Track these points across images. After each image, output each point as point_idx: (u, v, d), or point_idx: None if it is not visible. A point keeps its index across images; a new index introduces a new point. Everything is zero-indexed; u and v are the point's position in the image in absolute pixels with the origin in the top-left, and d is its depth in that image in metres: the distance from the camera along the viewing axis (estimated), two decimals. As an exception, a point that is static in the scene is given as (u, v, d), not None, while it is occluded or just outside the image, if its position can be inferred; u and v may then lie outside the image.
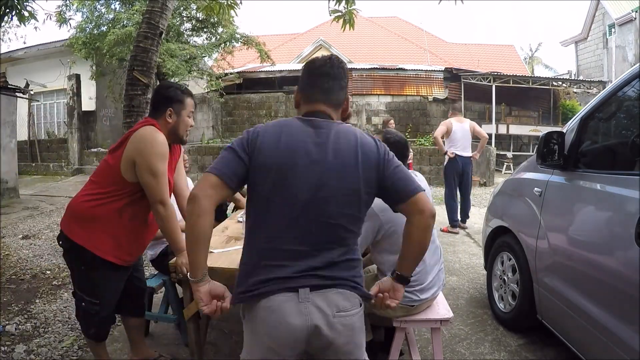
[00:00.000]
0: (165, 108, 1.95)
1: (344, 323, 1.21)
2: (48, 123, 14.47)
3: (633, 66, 2.06)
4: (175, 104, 1.96)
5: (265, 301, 1.19)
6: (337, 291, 1.21)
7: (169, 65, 9.28)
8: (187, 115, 1.99)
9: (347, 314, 1.22)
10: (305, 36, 19.63)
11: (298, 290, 1.18)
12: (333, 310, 1.19)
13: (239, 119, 14.62)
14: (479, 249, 4.61)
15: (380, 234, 1.93)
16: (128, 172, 1.86)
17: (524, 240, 2.61)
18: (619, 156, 2.21)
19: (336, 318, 1.20)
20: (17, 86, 8.74)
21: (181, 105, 1.97)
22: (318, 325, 1.17)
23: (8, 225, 5.97)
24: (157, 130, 1.88)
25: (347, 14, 4.32)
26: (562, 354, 2.44)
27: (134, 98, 4.28)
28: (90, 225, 1.88)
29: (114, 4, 10.22)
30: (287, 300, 1.18)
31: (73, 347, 2.57)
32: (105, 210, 1.88)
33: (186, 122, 1.99)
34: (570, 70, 18.84)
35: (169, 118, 1.95)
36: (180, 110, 1.97)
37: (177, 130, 1.99)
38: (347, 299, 1.23)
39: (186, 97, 1.99)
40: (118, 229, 1.90)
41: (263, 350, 1.21)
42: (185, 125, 2.00)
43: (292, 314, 1.17)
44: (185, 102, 1.98)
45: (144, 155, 1.82)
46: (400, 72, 13.97)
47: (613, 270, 1.80)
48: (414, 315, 2.02)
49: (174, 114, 1.96)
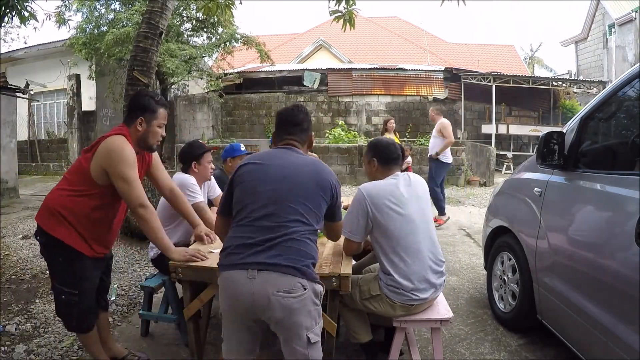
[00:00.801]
0: (137, 116, 2.01)
1: (282, 303, 1.46)
2: (48, 123, 14.47)
3: (633, 66, 2.06)
4: (147, 114, 2.01)
5: (225, 274, 1.54)
6: (280, 274, 1.46)
7: (169, 65, 9.27)
8: (157, 126, 2.04)
9: (285, 295, 1.46)
10: (305, 36, 19.64)
11: (247, 269, 1.48)
12: (273, 290, 1.45)
13: (239, 119, 14.62)
14: (479, 249, 4.61)
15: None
16: (98, 175, 1.94)
17: (524, 240, 2.61)
18: (619, 156, 2.21)
19: (274, 296, 1.45)
20: (17, 86, 8.73)
21: (153, 115, 2.02)
22: (259, 299, 1.46)
23: (8, 225, 5.97)
24: (125, 141, 1.95)
25: (347, 14, 4.31)
26: (562, 354, 2.44)
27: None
28: (65, 218, 1.95)
29: (114, 4, 10.21)
30: (238, 275, 1.49)
31: (73, 347, 2.57)
32: (77, 205, 1.96)
33: (155, 132, 2.05)
34: (570, 70, 18.85)
35: (139, 126, 2.01)
36: (151, 120, 2.02)
37: (146, 139, 2.05)
38: (289, 283, 1.47)
39: (159, 108, 2.04)
40: (90, 223, 1.99)
41: (226, 308, 1.57)
42: (154, 135, 2.05)
43: (240, 285, 1.48)
44: (158, 113, 2.03)
45: (113, 165, 1.90)
46: (400, 72, 13.97)
47: (613, 270, 1.80)
48: (414, 315, 2.02)
49: (144, 123, 2.01)
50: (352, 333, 2.19)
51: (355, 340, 2.18)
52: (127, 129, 2.01)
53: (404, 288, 1.94)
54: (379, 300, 2.01)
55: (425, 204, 2.11)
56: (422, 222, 2.01)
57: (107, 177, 1.93)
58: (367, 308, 2.06)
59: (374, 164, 2.13)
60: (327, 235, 1.97)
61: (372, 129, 13.24)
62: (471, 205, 7.37)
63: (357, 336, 2.16)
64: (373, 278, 2.08)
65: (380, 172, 2.12)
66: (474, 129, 13.75)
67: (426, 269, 1.98)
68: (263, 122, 14.18)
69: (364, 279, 2.13)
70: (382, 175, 2.11)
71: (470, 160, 10.76)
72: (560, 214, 2.31)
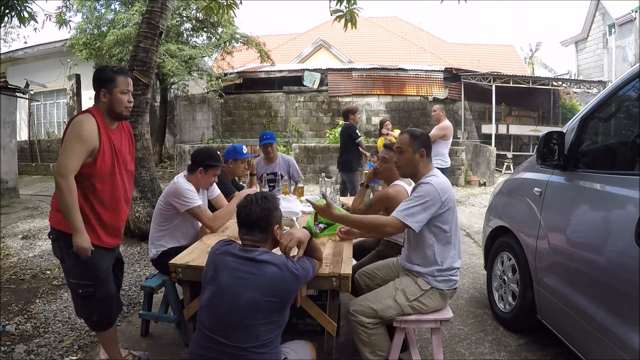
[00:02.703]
0: (99, 90, 2.07)
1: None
2: (48, 123, 14.48)
3: (633, 66, 2.06)
4: (107, 84, 2.05)
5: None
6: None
7: (169, 65, 9.28)
8: (119, 92, 2.07)
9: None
10: (305, 36, 19.62)
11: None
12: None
13: (239, 119, 14.62)
14: (479, 249, 4.61)
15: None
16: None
17: (524, 240, 2.61)
18: (619, 156, 2.21)
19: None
20: (17, 86, 8.73)
21: (112, 84, 2.06)
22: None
23: (8, 225, 5.97)
24: (86, 117, 2.01)
25: (348, 13, 4.32)
26: (562, 354, 2.44)
27: (134, 98, 4.27)
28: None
29: (114, 4, 10.21)
30: None
31: (73, 347, 2.57)
32: (74, 192, 1.98)
33: (119, 99, 2.07)
34: (570, 70, 18.83)
35: (103, 98, 2.07)
36: (112, 88, 2.06)
37: (113, 107, 2.08)
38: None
39: (117, 76, 2.07)
40: (92, 209, 2.05)
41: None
42: (119, 102, 2.08)
43: None
44: (117, 81, 2.06)
45: (65, 136, 1.98)
46: (400, 72, 13.96)
47: (613, 270, 1.80)
48: (414, 315, 2.02)
49: (107, 94, 2.06)
50: (377, 352, 1.99)
51: (378, 358, 2.00)
52: (95, 107, 2.08)
53: (453, 273, 2.05)
54: (431, 294, 2.03)
55: None
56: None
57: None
58: (413, 309, 2.02)
59: (423, 154, 2.10)
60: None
61: (372, 129, 13.22)
62: (471, 205, 7.37)
63: (383, 354, 2.00)
64: (410, 279, 2.07)
65: (424, 164, 2.11)
66: (474, 129, 13.75)
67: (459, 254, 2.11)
68: (263, 122, 14.19)
69: (398, 284, 2.06)
70: (424, 168, 2.11)
71: (470, 160, 10.76)
72: (560, 214, 2.31)
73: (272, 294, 1.50)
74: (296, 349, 1.71)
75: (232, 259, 1.56)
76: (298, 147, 10.30)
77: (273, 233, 1.63)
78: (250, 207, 1.61)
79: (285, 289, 1.55)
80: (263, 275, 1.51)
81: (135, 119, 4.29)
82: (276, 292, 1.51)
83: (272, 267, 1.52)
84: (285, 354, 1.62)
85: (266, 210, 1.61)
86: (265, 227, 1.61)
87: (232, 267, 1.53)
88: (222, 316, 1.49)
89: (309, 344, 1.79)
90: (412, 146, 2.10)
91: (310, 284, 1.85)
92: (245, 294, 1.48)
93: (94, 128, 1.99)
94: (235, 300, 1.48)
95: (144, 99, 4.35)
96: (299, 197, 3.60)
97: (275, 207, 1.66)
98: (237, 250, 1.58)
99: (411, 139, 2.12)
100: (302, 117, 14.15)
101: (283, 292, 1.54)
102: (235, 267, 1.53)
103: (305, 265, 1.65)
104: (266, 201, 1.63)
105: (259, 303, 1.48)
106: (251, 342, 1.47)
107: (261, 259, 1.53)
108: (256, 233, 1.61)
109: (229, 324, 1.48)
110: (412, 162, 2.11)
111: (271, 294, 1.50)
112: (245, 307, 1.47)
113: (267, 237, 1.62)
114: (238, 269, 1.53)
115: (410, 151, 2.11)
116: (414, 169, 2.12)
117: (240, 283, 1.50)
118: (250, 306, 1.48)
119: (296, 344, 1.75)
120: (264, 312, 1.49)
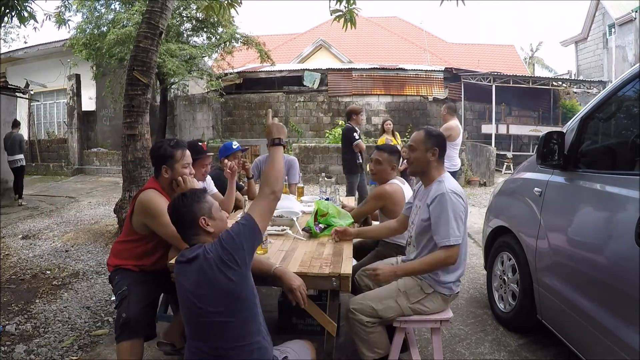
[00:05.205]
0: (160, 167, 2.19)
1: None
2: (48, 123, 14.48)
3: (633, 66, 2.05)
4: (168, 161, 2.17)
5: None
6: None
7: (169, 65, 9.27)
8: (181, 167, 2.19)
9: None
10: (305, 36, 19.64)
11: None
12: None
13: (239, 119, 14.63)
14: (479, 249, 4.61)
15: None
16: (139, 226, 2.16)
17: (524, 240, 2.61)
18: (619, 156, 2.21)
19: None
20: (17, 86, 8.74)
21: (172, 160, 2.17)
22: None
23: (8, 225, 5.97)
24: (153, 192, 2.13)
25: (347, 12, 4.31)
26: (562, 354, 2.44)
27: (134, 98, 4.28)
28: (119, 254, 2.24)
29: (114, 4, 10.20)
30: None
31: (73, 347, 2.57)
32: (126, 252, 2.22)
33: (181, 173, 2.19)
34: (570, 70, 18.83)
35: (165, 174, 2.18)
36: (173, 164, 2.17)
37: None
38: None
39: (176, 151, 2.17)
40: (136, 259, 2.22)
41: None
42: (181, 175, 2.19)
43: None
44: (176, 156, 2.17)
45: (150, 218, 2.09)
46: (400, 72, 13.97)
47: (613, 270, 1.79)
48: (414, 315, 2.02)
49: (169, 170, 2.18)
50: (375, 350, 2.00)
51: (376, 356, 2.01)
52: (155, 182, 2.21)
53: (457, 278, 2.04)
54: (432, 297, 2.02)
55: None
56: None
57: (146, 227, 2.13)
58: (414, 310, 2.02)
59: (436, 154, 2.07)
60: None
61: (372, 129, 13.23)
62: (471, 205, 7.38)
63: (381, 351, 2.01)
64: (414, 282, 2.05)
65: (436, 166, 2.09)
66: (474, 129, 13.75)
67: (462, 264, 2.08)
68: (263, 122, 14.18)
69: (401, 286, 2.05)
70: (436, 169, 2.09)
71: (470, 160, 10.76)
72: (560, 214, 2.31)
73: (210, 287, 1.48)
74: (296, 348, 1.70)
75: (179, 267, 1.58)
76: (298, 147, 10.30)
77: (202, 226, 1.59)
78: (173, 209, 1.62)
79: (215, 276, 1.46)
80: (196, 272, 1.50)
81: (135, 119, 4.29)
82: (210, 283, 1.47)
83: (197, 262, 1.51)
84: (286, 354, 1.62)
85: (185, 207, 1.59)
86: (192, 223, 1.59)
87: (182, 273, 1.55)
88: (193, 322, 1.53)
89: (309, 343, 1.79)
90: (425, 144, 2.07)
91: (310, 284, 1.86)
92: (197, 294, 1.49)
93: (165, 202, 2.05)
94: (192, 304, 1.50)
95: (144, 99, 4.35)
96: (298, 197, 3.60)
97: (197, 200, 1.62)
98: (179, 256, 1.60)
99: (426, 136, 2.09)
100: (302, 117, 14.16)
101: (218, 278, 1.46)
102: (182, 272, 1.55)
103: (232, 227, 1.57)
104: (184, 198, 1.61)
105: (210, 299, 1.48)
106: (227, 342, 1.47)
107: (192, 256, 1.53)
108: (187, 231, 1.61)
109: (200, 329, 1.51)
110: (423, 160, 2.08)
111: (209, 286, 1.48)
112: (202, 309, 1.48)
113: (198, 231, 1.60)
114: (184, 272, 1.55)
115: (422, 149, 2.07)
116: (425, 167, 2.09)
117: (189, 287, 1.51)
118: (205, 306, 1.48)
119: (296, 343, 1.75)
120: (222, 306, 1.47)
